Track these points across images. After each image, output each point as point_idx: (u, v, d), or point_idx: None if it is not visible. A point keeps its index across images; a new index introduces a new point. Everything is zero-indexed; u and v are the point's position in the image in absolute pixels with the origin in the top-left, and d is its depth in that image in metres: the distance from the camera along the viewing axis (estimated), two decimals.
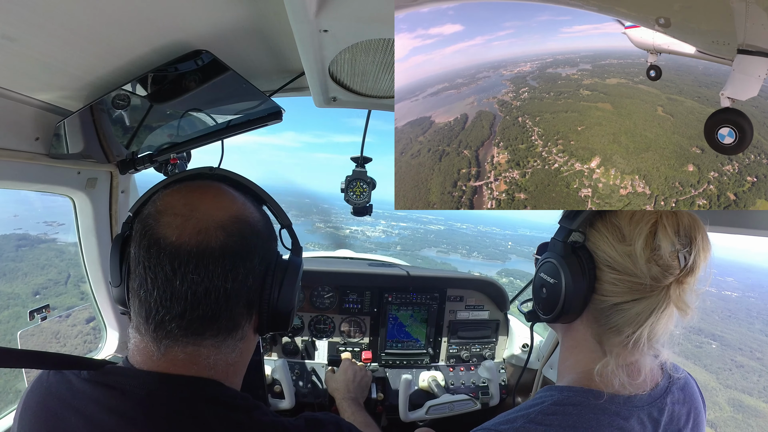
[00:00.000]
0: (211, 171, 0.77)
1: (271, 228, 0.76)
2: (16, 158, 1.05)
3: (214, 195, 0.69)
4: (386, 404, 1.90)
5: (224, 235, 0.64)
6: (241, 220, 0.67)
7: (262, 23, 0.88)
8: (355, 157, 1.54)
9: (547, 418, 0.71)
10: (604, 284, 0.75)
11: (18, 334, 1.40)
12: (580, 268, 0.75)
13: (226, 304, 0.65)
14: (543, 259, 0.83)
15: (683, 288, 0.70)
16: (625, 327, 0.73)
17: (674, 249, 0.69)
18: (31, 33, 0.70)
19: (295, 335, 2.04)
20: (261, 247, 0.70)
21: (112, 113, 1.08)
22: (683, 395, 0.81)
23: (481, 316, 2.14)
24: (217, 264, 0.63)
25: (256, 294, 0.70)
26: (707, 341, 29.24)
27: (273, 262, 0.73)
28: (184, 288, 0.62)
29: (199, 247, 0.62)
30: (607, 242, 0.75)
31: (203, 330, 0.64)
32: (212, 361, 0.66)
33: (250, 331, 0.72)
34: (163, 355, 0.64)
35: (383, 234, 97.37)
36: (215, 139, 1.33)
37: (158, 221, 0.64)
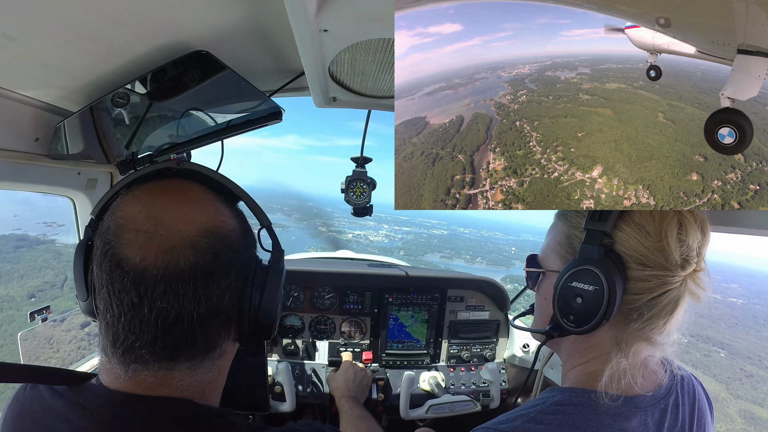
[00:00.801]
0: (178, 166, 0.69)
1: (249, 233, 0.70)
2: (16, 159, 1.05)
3: (180, 202, 0.62)
4: (386, 405, 1.90)
5: (194, 253, 0.58)
6: (212, 233, 0.60)
7: (262, 23, 0.88)
8: (355, 157, 1.54)
9: (548, 417, 0.71)
10: (636, 283, 0.74)
11: (18, 335, 1.40)
12: (617, 269, 0.74)
13: (201, 328, 0.60)
14: (573, 267, 0.78)
15: (699, 276, 0.74)
16: (655, 320, 0.74)
17: (696, 240, 0.72)
18: (31, 33, 0.70)
19: (295, 336, 2.03)
20: (237, 260, 0.64)
21: (112, 113, 1.08)
22: (687, 395, 0.81)
23: (481, 317, 2.14)
24: (187, 287, 0.57)
25: (234, 309, 0.65)
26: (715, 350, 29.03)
27: (252, 271, 0.67)
28: (153, 315, 0.56)
29: (167, 270, 0.56)
30: (635, 240, 0.75)
31: (177, 356, 0.59)
32: (186, 383, 0.61)
33: (229, 344, 0.68)
34: (130, 378, 0.59)
35: (386, 238, 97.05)
36: (215, 139, 1.33)
37: (119, 238, 0.57)
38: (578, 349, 0.83)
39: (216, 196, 0.67)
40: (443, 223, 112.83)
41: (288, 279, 2.00)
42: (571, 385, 0.79)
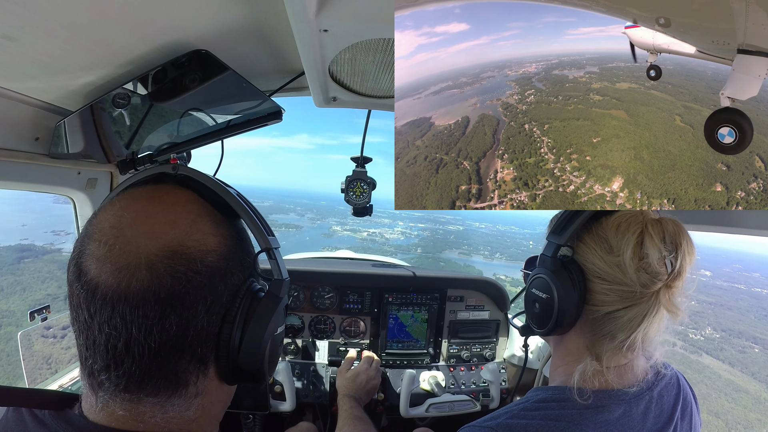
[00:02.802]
0: (174, 171, 0.62)
1: (239, 255, 0.59)
2: (16, 158, 1.05)
3: (149, 215, 0.54)
4: (386, 404, 1.90)
5: (149, 275, 0.49)
6: (177, 253, 0.52)
7: (262, 23, 0.88)
8: (355, 157, 1.54)
9: (530, 413, 0.73)
10: (595, 295, 0.76)
11: (18, 335, 1.40)
12: (571, 281, 0.76)
13: (155, 362, 0.51)
14: (533, 275, 0.84)
15: (672, 292, 0.73)
16: (619, 333, 0.74)
17: (661, 256, 0.71)
18: (31, 33, 0.70)
19: (295, 336, 2.04)
20: (210, 288, 0.54)
21: (112, 113, 1.08)
22: (671, 388, 0.83)
23: (481, 317, 2.14)
24: (135, 313, 0.49)
25: (208, 345, 0.55)
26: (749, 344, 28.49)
27: (237, 302, 0.57)
28: (103, 339, 0.50)
29: (117, 290, 0.49)
30: (595, 254, 0.77)
31: (137, 389, 0.52)
32: (159, 419, 0.54)
33: (211, 384, 0.58)
34: (101, 408, 0.53)
35: (402, 236, 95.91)
36: (215, 139, 1.33)
37: (84, 247, 0.52)
38: (558, 351, 0.87)
39: (204, 208, 0.59)
40: (458, 218, 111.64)
41: None
42: (556, 384, 0.81)
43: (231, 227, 0.60)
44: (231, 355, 0.57)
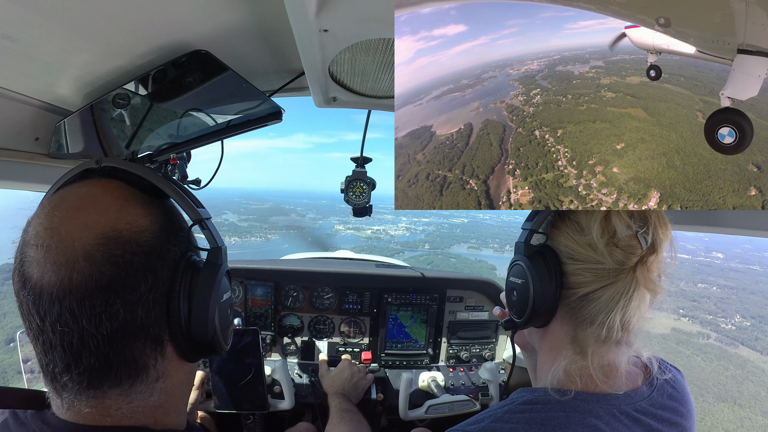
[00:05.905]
0: (98, 165, 0.62)
1: (172, 231, 0.61)
2: (16, 158, 1.05)
3: (79, 208, 0.55)
4: (386, 404, 1.90)
5: (88, 266, 0.51)
6: (111, 238, 0.53)
7: (262, 23, 0.88)
8: (354, 157, 1.54)
9: (514, 416, 0.71)
10: (570, 277, 0.76)
11: (17, 335, 1.40)
12: (545, 265, 0.77)
13: (112, 350, 0.52)
14: (511, 263, 0.84)
15: (648, 268, 0.72)
16: (598, 315, 0.73)
17: (632, 231, 0.72)
18: (31, 33, 0.70)
19: (294, 336, 2.04)
20: (149, 266, 0.55)
21: (111, 113, 1.08)
22: (669, 400, 0.79)
23: (480, 317, 2.14)
24: (82, 306, 0.50)
25: (160, 324, 0.57)
26: None
27: (178, 277, 0.58)
28: (57, 339, 0.51)
29: (61, 287, 0.50)
30: (567, 236, 0.77)
31: (100, 382, 0.53)
32: (126, 410, 0.55)
33: (170, 364, 0.60)
34: (67, 408, 0.55)
35: (407, 232, 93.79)
36: (215, 139, 1.33)
37: (24, 255, 0.53)
38: (543, 348, 0.85)
39: (132, 193, 0.60)
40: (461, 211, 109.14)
41: (288, 279, 2.01)
42: (542, 385, 0.79)
43: (161, 206, 0.62)
44: (182, 329, 0.58)
